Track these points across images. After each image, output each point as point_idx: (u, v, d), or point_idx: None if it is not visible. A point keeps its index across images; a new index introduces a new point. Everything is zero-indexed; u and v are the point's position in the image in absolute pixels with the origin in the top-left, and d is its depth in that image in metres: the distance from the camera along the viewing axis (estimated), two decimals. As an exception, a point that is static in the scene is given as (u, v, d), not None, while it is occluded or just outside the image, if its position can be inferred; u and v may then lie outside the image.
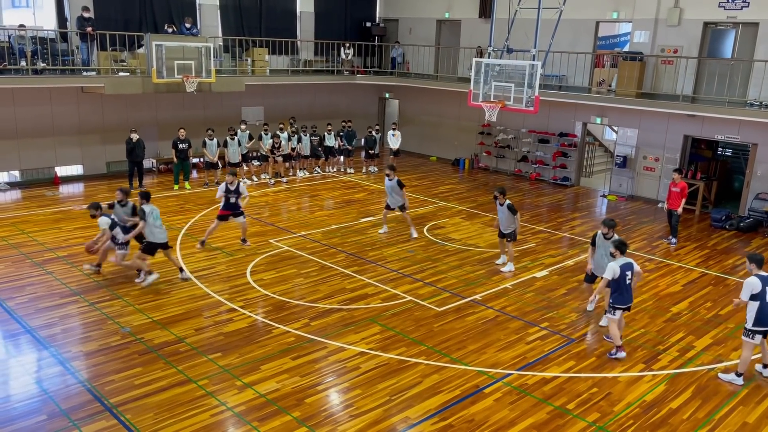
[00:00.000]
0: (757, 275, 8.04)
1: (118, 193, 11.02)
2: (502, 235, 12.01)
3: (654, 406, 7.64)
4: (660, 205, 16.74)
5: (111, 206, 11.02)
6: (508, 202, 11.61)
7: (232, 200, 12.44)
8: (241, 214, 12.70)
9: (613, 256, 8.65)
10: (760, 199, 15.88)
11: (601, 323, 9.77)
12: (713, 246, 14.20)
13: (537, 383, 8.03)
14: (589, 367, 8.49)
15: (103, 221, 10.51)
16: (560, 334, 9.42)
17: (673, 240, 14.16)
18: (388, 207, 13.77)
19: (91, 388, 7.51)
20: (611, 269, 8.48)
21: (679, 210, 13.76)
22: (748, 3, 15.92)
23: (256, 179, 18.37)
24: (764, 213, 15.58)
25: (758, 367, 8.49)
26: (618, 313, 8.67)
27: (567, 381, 8.11)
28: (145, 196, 10.74)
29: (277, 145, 18.07)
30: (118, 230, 10.61)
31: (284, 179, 18.52)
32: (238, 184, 12.44)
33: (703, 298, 11.10)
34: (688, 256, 13.42)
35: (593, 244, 9.78)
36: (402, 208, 13.55)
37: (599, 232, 9.65)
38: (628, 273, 8.55)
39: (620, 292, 8.58)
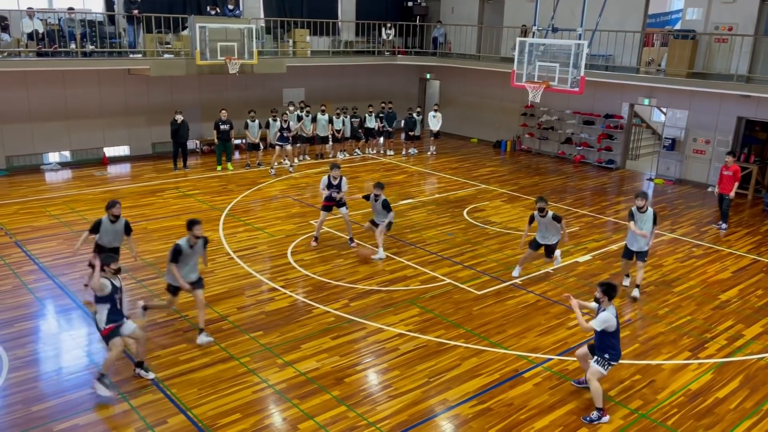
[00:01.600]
0: None
1: None
2: (537, 246, 10.46)
3: (699, 395, 7.46)
4: (710, 189, 16.21)
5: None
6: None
7: (334, 195, 11.71)
8: (345, 204, 11.93)
9: (599, 302, 7.02)
10: (818, 183, 15.22)
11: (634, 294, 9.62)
12: (766, 232, 13.70)
13: (577, 369, 7.91)
14: (633, 353, 8.33)
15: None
16: (603, 320, 9.25)
17: (724, 225, 13.71)
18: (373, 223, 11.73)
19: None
20: (607, 321, 6.82)
21: (731, 194, 13.30)
22: (810, -23, 15.14)
23: (297, 161, 18.47)
24: (821, 198, 14.94)
25: None
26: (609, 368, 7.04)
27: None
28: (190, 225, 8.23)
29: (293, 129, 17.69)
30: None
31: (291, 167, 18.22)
32: (341, 179, 11.71)
33: (753, 285, 10.73)
34: (739, 242, 12.98)
35: (631, 218, 9.75)
36: (388, 226, 11.58)
37: (633, 207, 9.70)
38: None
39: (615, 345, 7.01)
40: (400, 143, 20.88)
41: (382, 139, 20.64)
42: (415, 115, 20.27)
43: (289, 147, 17.47)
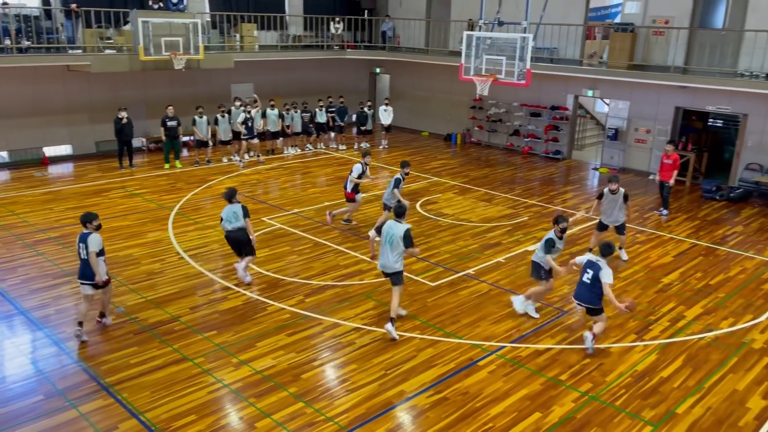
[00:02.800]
0: None
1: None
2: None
3: (645, 375, 7.75)
4: (651, 176, 16.79)
5: None
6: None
7: (365, 180, 12.68)
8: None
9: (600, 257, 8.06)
10: (750, 169, 15.95)
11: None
12: (704, 217, 14.29)
13: (530, 355, 8.12)
14: (582, 338, 8.57)
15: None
16: (553, 307, 9.51)
17: (665, 211, 14.24)
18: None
19: (86, 368, 7.54)
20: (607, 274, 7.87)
21: (671, 181, 13.81)
22: (740, -28, 15.82)
23: (248, 157, 18.24)
24: (754, 183, 15.67)
25: None
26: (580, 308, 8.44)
27: (560, 352, 8.20)
28: (229, 196, 9.87)
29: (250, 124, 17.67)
30: None
31: (261, 158, 18.16)
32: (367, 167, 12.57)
33: (693, 268, 11.20)
34: (679, 227, 13.51)
35: (599, 198, 11.20)
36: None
37: (606, 188, 11.08)
38: (590, 271, 7.98)
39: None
40: (352, 138, 20.86)
41: (333, 134, 20.56)
42: (366, 109, 20.28)
43: (255, 141, 17.73)
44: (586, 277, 7.98)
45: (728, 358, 8.20)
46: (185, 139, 18.64)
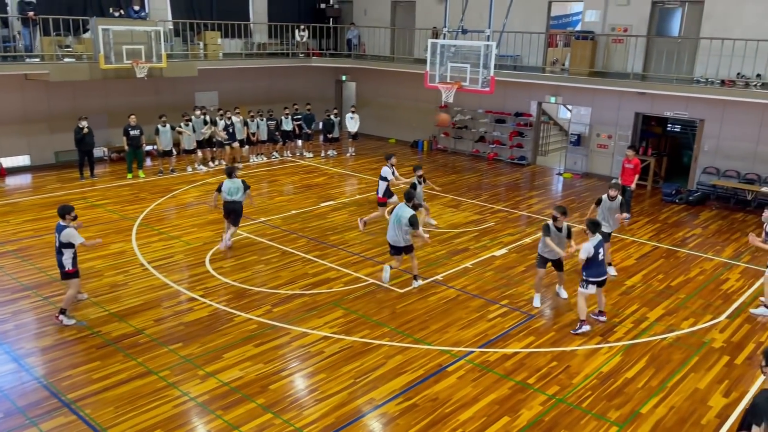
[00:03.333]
0: None
1: None
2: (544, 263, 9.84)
3: (611, 376, 7.89)
4: (614, 181, 17.13)
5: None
6: (567, 224, 9.60)
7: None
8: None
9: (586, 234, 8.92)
10: (708, 173, 16.41)
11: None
12: (664, 220, 14.64)
13: (498, 359, 8.19)
14: (549, 341, 8.70)
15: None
16: (520, 311, 9.61)
17: (626, 215, 14.46)
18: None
19: (47, 384, 7.33)
20: (585, 249, 8.67)
21: (633, 186, 14.10)
22: (694, -18, 16.31)
23: (212, 165, 18.06)
24: (712, 186, 16.13)
25: None
26: (591, 287, 8.85)
27: (527, 356, 8.29)
28: (229, 172, 11.63)
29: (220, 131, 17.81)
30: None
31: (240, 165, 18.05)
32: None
33: (655, 270, 11.45)
34: (641, 230, 13.81)
35: (597, 204, 10.79)
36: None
37: (604, 195, 10.72)
38: (601, 250, 8.79)
39: (596, 266, 8.78)
40: (319, 145, 20.81)
41: (300, 142, 20.50)
42: (332, 116, 20.25)
43: (236, 145, 18.21)
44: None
45: (689, 357, 8.40)
46: (148, 148, 18.35)
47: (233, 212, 11.60)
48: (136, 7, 17.58)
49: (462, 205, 15.20)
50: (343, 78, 24.55)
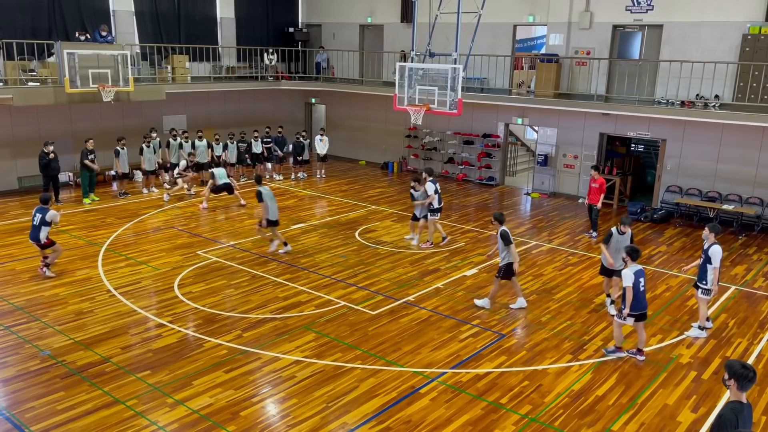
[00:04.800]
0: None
1: None
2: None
3: (582, 394, 7.95)
4: (580, 200, 17.47)
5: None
6: (502, 228, 10.23)
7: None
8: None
9: (624, 262, 8.64)
10: (671, 191, 16.83)
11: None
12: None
13: (471, 380, 8.19)
14: (520, 360, 8.74)
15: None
16: (491, 331, 9.65)
17: (594, 234, 14.79)
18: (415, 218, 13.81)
19: (9, 416, 7.09)
20: (627, 276, 8.39)
21: (599, 204, 14.40)
22: (653, 6, 16.86)
23: (168, 186, 17.92)
24: (675, 204, 16.52)
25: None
26: (630, 320, 8.56)
27: (499, 376, 8.32)
28: (258, 180, 13.34)
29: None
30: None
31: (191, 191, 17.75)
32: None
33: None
34: (608, 248, 14.00)
35: (607, 241, 10.27)
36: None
37: (614, 229, 10.29)
38: (642, 280, 8.47)
39: (637, 299, 8.45)
40: (289, 168, 20.78)
41: (270, 165, 20.43)
42: (302, 139, 20.28)
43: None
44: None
45: (658, 373, 8.52)
46: (111, 173, 18.28)
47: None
48: (103, 33, 17.46)
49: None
50: (313, 101, 24.64)
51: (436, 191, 13.15)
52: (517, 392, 7.93)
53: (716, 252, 9.30)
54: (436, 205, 13.23)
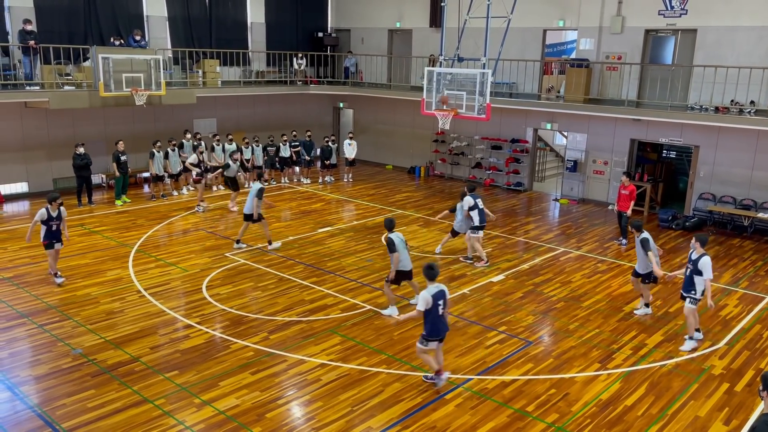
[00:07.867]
0: None
1: None
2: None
3: (610, 404, 7.82)
4: (610, 207, 17.22)
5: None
6: (644, 235, 10.27)
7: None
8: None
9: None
10: (704, 199, 16.49)
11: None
12: (661, 245, 14.60)
13: (497, 387, 8.12)
14: (547, 368, 8.64)
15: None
16: (518, 338, 9.56)
17: (624, 241, 14.56)
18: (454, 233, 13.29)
19: (41, 413, 7.25)
20: (423, 299, 7.70)
21: (629, 212, 14.17)
22: (687, 10, 16.58)
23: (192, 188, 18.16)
24: (708, 212, 16.18)
25: None
26: (431, 344, 7.89)
27: (526, 383, 8.23)
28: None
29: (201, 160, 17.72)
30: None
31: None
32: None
33: (653, 296, 11.39)
34: (638, 256, 13.78)
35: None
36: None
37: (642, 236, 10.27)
38: (440, 302, 7.81)
39: (433, 322, 7.80)
40: (317, 171, 20.90)
41: (297, 168, 20.59)
42: (330, 143, 20.40)
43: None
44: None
45: (689, 384, 8.34)
46: (146, 174, 18.54)
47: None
48: (137, 37, 17.81)
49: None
50: (341, 105, 24.77)
51: (472, 208, 12.53)
52: (544, 400, 7.84)
53: (706, 263, 9.09)
54: (476, 222, 12.64)
